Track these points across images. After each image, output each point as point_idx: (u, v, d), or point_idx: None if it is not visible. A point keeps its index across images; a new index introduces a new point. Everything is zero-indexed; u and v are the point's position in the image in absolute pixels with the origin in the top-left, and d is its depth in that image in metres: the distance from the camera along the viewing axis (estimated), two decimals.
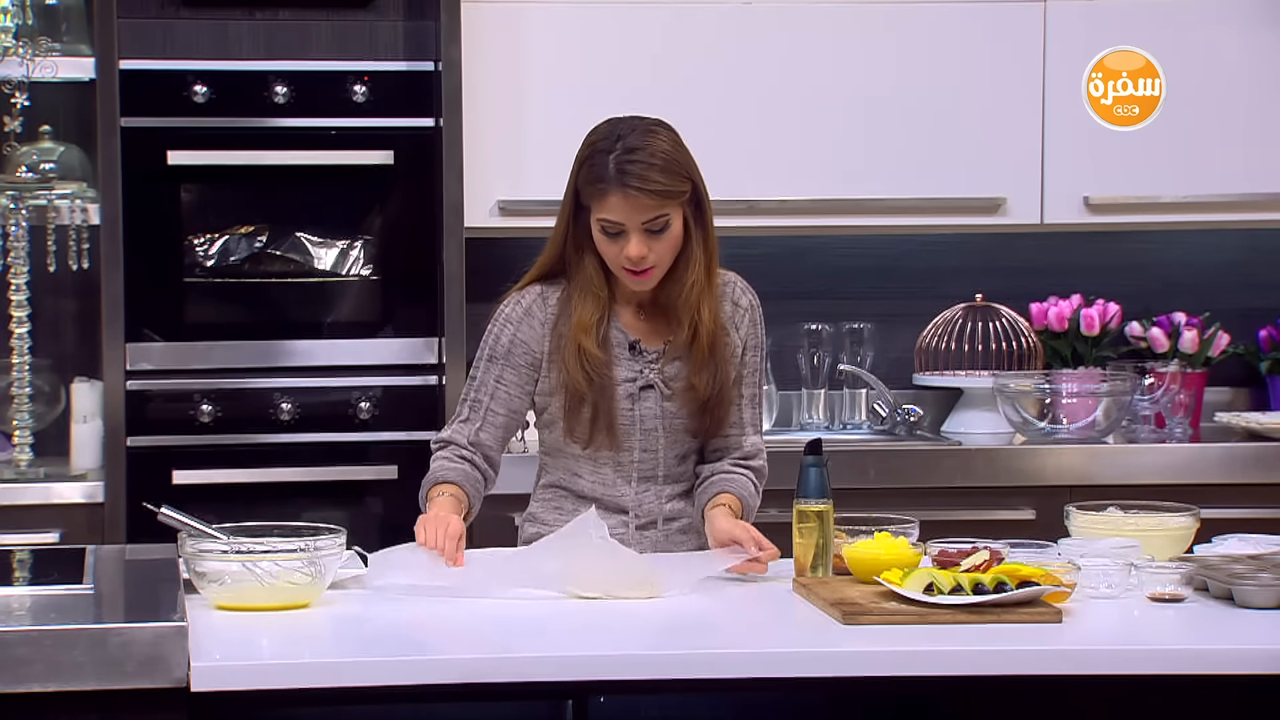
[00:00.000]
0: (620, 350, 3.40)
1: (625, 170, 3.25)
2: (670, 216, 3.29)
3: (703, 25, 4.92)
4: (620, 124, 3.32)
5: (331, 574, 3.04)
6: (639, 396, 3.40)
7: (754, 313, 3.48)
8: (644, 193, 3.25)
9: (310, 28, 4.72)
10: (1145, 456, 4.82)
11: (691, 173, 3.32)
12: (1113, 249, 5.37)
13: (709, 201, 3.37)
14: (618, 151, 3.26)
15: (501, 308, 3.43)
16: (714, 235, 3.38)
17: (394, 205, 4.73)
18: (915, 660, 2.76)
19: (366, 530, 4.60)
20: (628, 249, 3.28)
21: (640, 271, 3.32)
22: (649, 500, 3.44)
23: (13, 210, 4.55)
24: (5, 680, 2.60)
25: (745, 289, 3.49)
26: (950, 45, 4.99)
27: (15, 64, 4.44)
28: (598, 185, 3.27)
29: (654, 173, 3.25)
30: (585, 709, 2.85)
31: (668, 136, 3.31)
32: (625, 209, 3.26)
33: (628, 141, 3.27)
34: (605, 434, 3.38)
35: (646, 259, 3.30)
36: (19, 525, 4.41)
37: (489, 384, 3.40)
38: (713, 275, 3.39)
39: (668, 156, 3.28)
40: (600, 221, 3.30)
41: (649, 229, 3.28)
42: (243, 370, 4.67)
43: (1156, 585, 3.06)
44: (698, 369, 3.39)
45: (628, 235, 3.28)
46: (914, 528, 3.28)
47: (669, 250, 3.32)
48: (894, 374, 5.24)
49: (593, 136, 3.34)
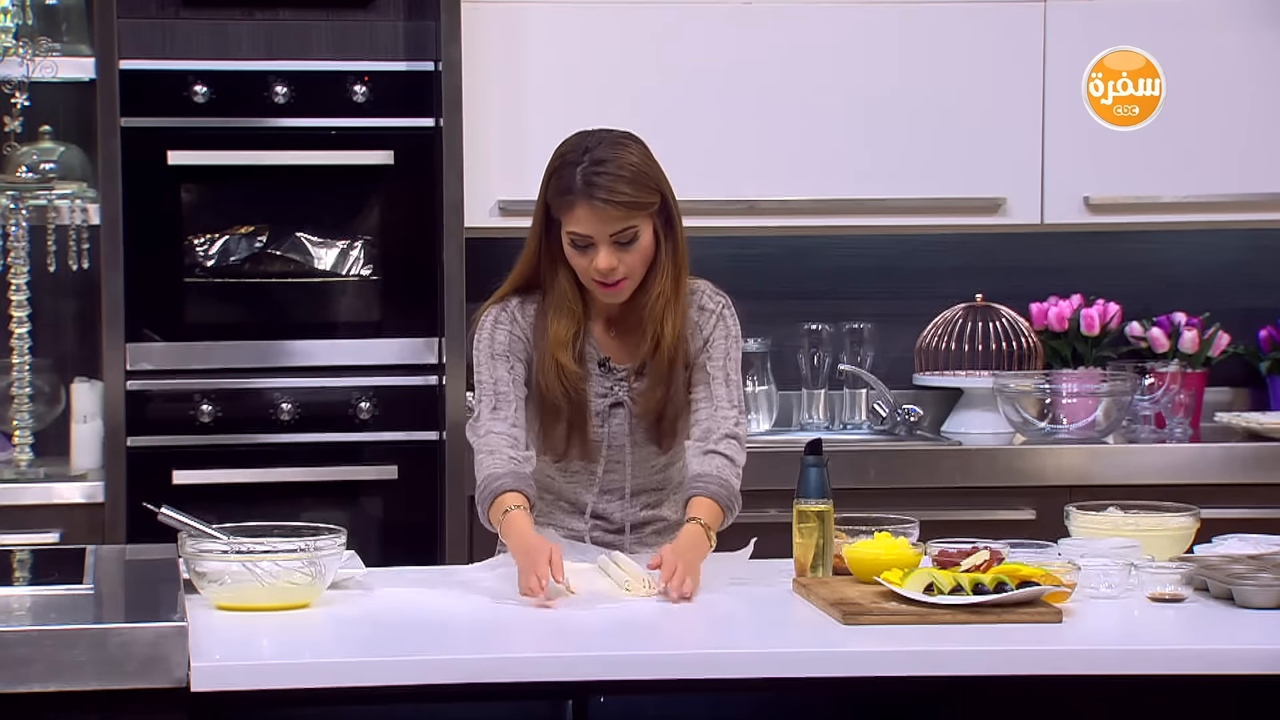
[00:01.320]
0: (591, 366, 3.39)
1: (592, 182, 3.23)
2: (639, 228, 3.28)
3: (703, 25, 4.92)
4: (588, 136, 3.31)
5: (331, 574, 3.05)
6: (608, 414, 3.39)
7: (721, 311, 3.43)
8: (611, 204, 3.23)
9: (310, 28, 4.71)
10: (1145, 456, 4.82)
11: (660, 184, 3.31)
12: (1113, 249, 5.36)
13: (679, 214, 3.35)
14: (585, 164, 3.25)
15: (484, 317, 3.41)
16: (684, 248, 3.37)
17: (394, 205, 4.73)
18: (915, 660, 2.76)
19: (366, 530, 4.61)
20: (596, 261, 3.26)
21: (611, 284, 3.30)
22: (615, 511, 3.44)
23: (13, 210, 4.55)
24: (5, 680, 2.60)
25: (714, 293, 3.46)
26: (950, 45, 4.99)
27: (15, 64, 4.43)
28: (565, 197, 3.26)
29: (621, 184, 3.24)
30: (585, 709, 2.85)
31: (636, 149, 3.30)
32: (593, 221, 3.25)
33: (595, 154, 3.26)
34: (579, 448, 3.38)
35: (616, 271, 3.28)
36: (19, 525, 4.41)
37: (503, 375, 3.36)
38: (680, 287, 3.36)
39: (635, 169, 3.26)
40: (570, 234, 3.28)
41: (618, 241, 3.26)
42: (243, 370, 4.66)
43: (1156, 585, 3.06)
44: (654, 382, 3.36)
45: (597, 248, 3.26)
46: (914, 528, 3.28)
47: (639, 262, 3.30)
48: (894, 374, 5.23)
49: (561, 149, 3.32)
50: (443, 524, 4.60)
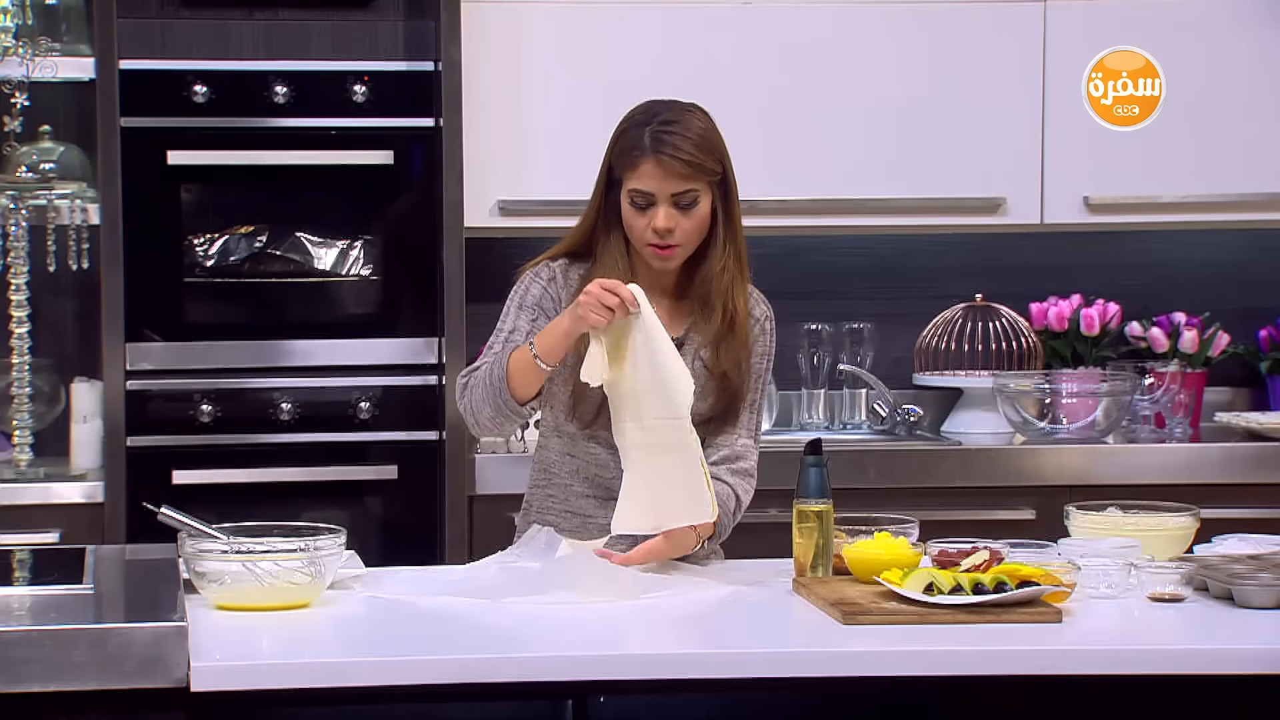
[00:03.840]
0: None
1: (660, 139, 3.30)
2: (699, 194, 3.32)
3: (703, 25, 4.92)
4: (657, 103, 3.39)
5: (331, 574, 3.04)
6: None
7: (766, 323, 3.50)
8: (676, 161, 3.29)
9: (310, 28, 4.72)
10: (1145, 456, 4.82)
11: (724, 157, 3.36)
12: (1113, 249, 5.36)
13: (737, 194, 3.40)
14: (653, 124, 3.32)
15: (527, 270, 3.45)
16: (741, 228, 3.41)
17: (394, 205, 4.73)
18: (915, 660, 2.76)
19: (366, 530, 4.61)
20: (655, 220, 3.30)
21: (665, 247, 3.33)
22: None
23: (13, 210, 4.55)
24: (5, 680, 2.60)
25: (760, 300, 3.51)
26: (950, 45, 4.99)
27: (15, 64, 4.44)
28: (632, 154, 3.31)
29: (688, 145, 3.30)
30: (585, 709, 2.85)
31: (703, 117, 3.38)
32: (657, 177, 3.29)
33: (664, 116, 3.33)
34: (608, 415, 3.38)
35: (673, 234, 3.32)
36: (19, 525, 4.41)
37: (523, 327, 3.38)
38: (744, 265, 3.41)
39: (702, 134, 3.33)
40: (631, 192, 3.32)
41: (678, 203, 3.31)
42: (243, 370, 4.67)
43: (1156, 585, 3.06)
44: (733, 359, 3.40)
45: (657, 207, 3.30)
46: (914, 528, 3.28)
47: (695, 230, 3.34)
48: (894, 374, 5.23)
49: (629, 114, 3.39)
50: (443, 524, 4.60)
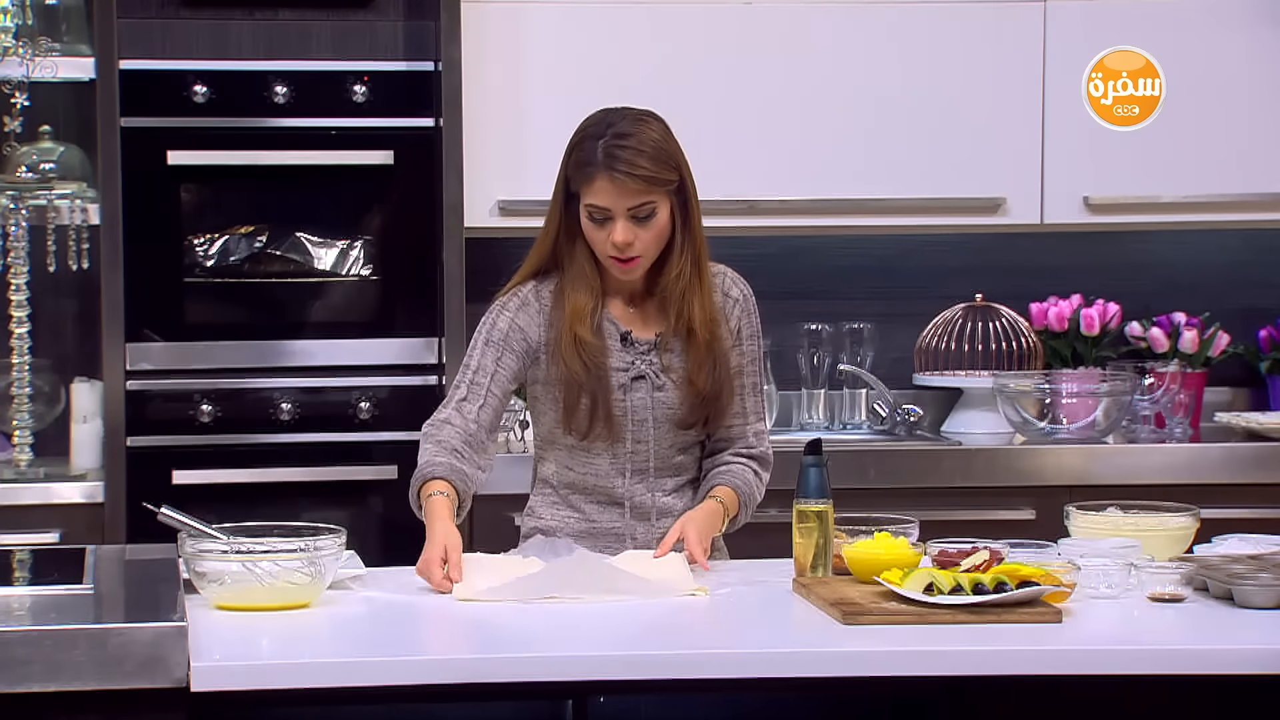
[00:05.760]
0: (612, 341, 3.40)
1: (613, 155, 3.28)
2: (656, 204, 3.31)
3: (703, 25, 4.92)
4: (611, 113, 3.36)
5: (331, 574, 3.04)
6: (630, 387, 3.40)
7: (746, 303, 3.50)
8: (631, 178, 3.27)
9: (310, 28, 4.72)
10: (1145, 456, 4.82)
11: (680, 164, 3.35)
12: (1113, 249, 5.36)
13: (696, 196, 3.39)
14: (607, 138, 3.30)
15: (496, 300, 3.45)
16: (700, 230, 3.40)
17: (394, 205, 4.73)
18: (915, 660, 2.76)
19: (366, 530, 4.61)
20: (613, 234, 3.30)
21: (626, 260, 3.33)
22: (640, 493, 3.44)
23: (13, 210, 4.55)
24: (5, 680, 2.60)
25: (736, 280, 3.51)
26: (950, 45, 4.99)
27: (15, 64, 4.43)
28: (586, 169, 3.30)
29: (642, 159, 3.28)
30: (585, 709, 2.84)
31: (658, 126, 3.35)
32: (612, 193, 3.28)
33: (617, 128, 3.30)
34: (604, 424, 3.38)
35: (632, 246, 3.32)
36: (19, 525, 4.41)
37: (488, 366, 3.39)
38: (701, 269, 3.40)
39: (656, 145, 3.31)
40: (588, 207, 3.32)
41: (635, 215, 3.30)
42: (243, 370, 4.67)
43: (1156, 585, 3.06)
44: (697, 365, 3.40)
45: (614, 221, 3.30)
46: (914, 528, 3.28)
47: (655, 240, 3.34)
48: (894, 374, 5.24)
49: (584, 124, 3.37)
50: None
